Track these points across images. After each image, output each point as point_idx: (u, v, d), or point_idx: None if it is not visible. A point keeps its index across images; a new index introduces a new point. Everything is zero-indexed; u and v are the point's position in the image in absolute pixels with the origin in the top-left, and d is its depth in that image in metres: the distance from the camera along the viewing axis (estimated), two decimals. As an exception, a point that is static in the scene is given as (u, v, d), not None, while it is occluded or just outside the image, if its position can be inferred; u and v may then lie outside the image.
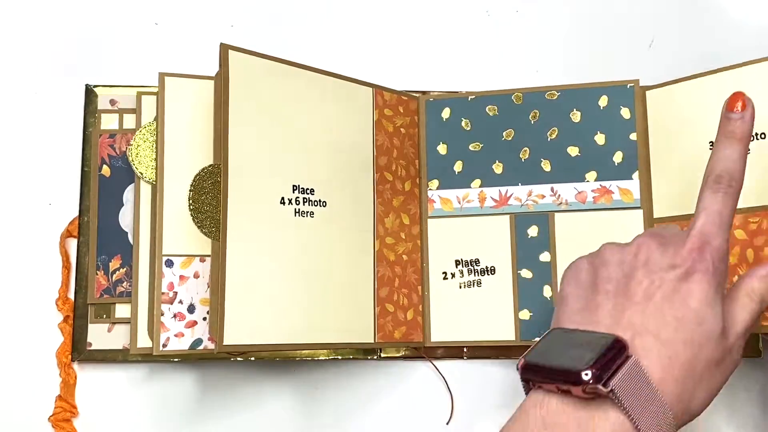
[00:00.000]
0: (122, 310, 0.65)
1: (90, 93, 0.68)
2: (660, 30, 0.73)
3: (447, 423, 0.66)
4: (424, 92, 0.70)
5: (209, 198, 0.61)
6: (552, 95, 0.67)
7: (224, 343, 0.56)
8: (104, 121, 0.68)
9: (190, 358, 0.65)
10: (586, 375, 0.44)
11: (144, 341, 0.62)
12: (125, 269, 0.65)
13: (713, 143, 0.61)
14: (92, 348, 0.64)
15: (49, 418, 0.64)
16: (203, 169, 0.62)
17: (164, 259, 0.62)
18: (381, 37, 0.73)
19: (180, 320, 0.61)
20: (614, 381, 0.44)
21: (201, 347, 0.62)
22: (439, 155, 0.68)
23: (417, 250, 0.67)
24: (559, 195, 0.66)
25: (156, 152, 0.63)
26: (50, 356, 0.65)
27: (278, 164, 0.61)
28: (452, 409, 0.66)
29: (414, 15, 0.74)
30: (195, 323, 0.62)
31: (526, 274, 0.65)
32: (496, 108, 0.68)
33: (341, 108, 0.65)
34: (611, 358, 0.45)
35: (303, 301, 0.60)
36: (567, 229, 0.65)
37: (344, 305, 0.62)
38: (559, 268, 0.65)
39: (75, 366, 0.65)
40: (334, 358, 0.66)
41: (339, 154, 0.64)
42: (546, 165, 0.66)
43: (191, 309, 0.62)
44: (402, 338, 0.65)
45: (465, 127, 0.68)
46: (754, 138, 0.59)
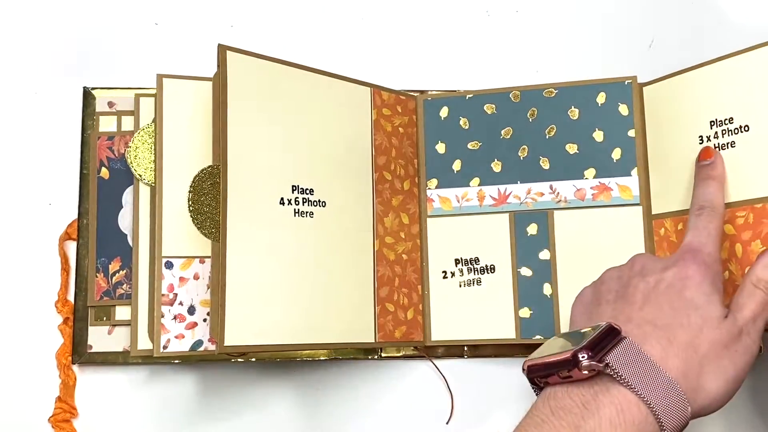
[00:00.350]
0: (122, 312, 0.65)
1: (88, 95, 0.68)
2: (660, 30, 0.73)
3: (447, 422, 0.66)
4: (423, 92, 0.70)
5: (208, 199, 0.61)
6: (550, 93, 0.67)
7: (225, 344, 0.56)
8: (102, 124, 0.68)
9: (191, 360, 0.65)
10: (583, 356, 0.46)
11: (144, 343, 0.62)
12: (125, 271, 0.65)
13: (702, 138, 0.61)
14: (93, 350, 0.64)
15: (49, 419, 0.64)
16: (202, 171, 0.62)
17: (164, 261, 0.61)
18: (381, 37, 0.73)
19: (180, 322, 0.61)
20: (610, 356, 0.46)
21: (201, 349, 0.62)
22: (438, 154, 0.68)
23: (417, 250, 0.67)
24: (558, 193, 0.66)
25: (154, 154, 0.63)
26: (50, 358, 0.65)
27: (277, 165, 0.61)
28: (452, 409, 0.66)
29: (414, 15, 0.74)
30: (195, 325, 0.62)
31: (526, 272, 0.65)
32: (494, 106, 0.68)
33: (340, 108, 0.65)
34: (606, 340, 0.47)
35: (303, 302, 0.60)
36: (566, 227, 0.65)
37: (344, 305, 0.62)
38: (559, 266, 0.65)
39: (75, 368, 0.65)
40: (335, 358, 0.66)
41: (338, 154, 0.64)
42: (545, 163, 0.66)
43: (191, 310, 0.62)
44: (402, 338, 0.65)
45: (463, 126, 0.68)
46: (739, 131, 0.59)
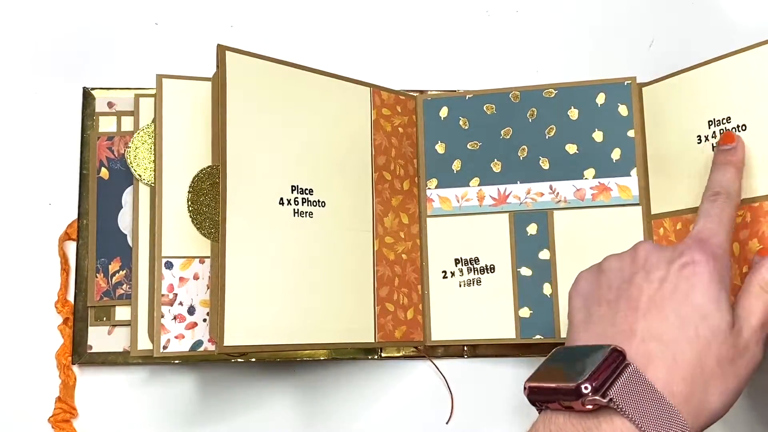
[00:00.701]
0: (122, 313, 0.65)
1: (88, 95, 0.68)
2: (660, 30, 0.73)
3: (447, 422, 0.66)
4: (423, 91, 0.70)
5: (208, 199, 0.61)
6: (549, 93, 0.67)
7: (225, 344, 0.56)
8: (102, 124, 0.68)
9: (191, 360, 0.65)
10: (586, 388, 0.45)
11: (144, 343, 0.62)
12: (125, 271, 0.65)
13: (700, 137, 0.61)
14: (93, 351, 0.64)
15: (49, 419, 0.64)
16: (201, 171, 0.62)
17: (164, 261, 0.61)
18: (381, 37, 0.73)
19: (180, 322, 0.61)
20: (613, 390, 0.45)
21: (201, 349, 0.61)
22: (438, 154, 0.68)
23: (416, 250, 0.67)
24: (558, 193, 0.66)
25: (154, 154, 0.63)
26: (50, 358, 0.65)
27: (277, 165, 0.61)
28: (452, 409, 0.66)
29: (414, 15, 0.74)
30: (195, 325, 0.62)
31: (526, 272, 0.65)
32: (494, 107, 0.68)
33: (339, 108, 0.65)
34: (609, 369, 0.46)
35: (303, 302, 0.60)
36: (566, 227, 0.65)
37: (344, 305, 0.62)
38: (559, 266, 0.65)
39: (75, 369, 0.65)
40: (335, 358, 0.66)
41: (337, 154, 0.64)
42: (544, 163, 0.66)
43: (191, 311, 0.62)
44: (402, 337, 0.65)
45: (463, 126, 0.68)
46: (737, 130, 0.59)
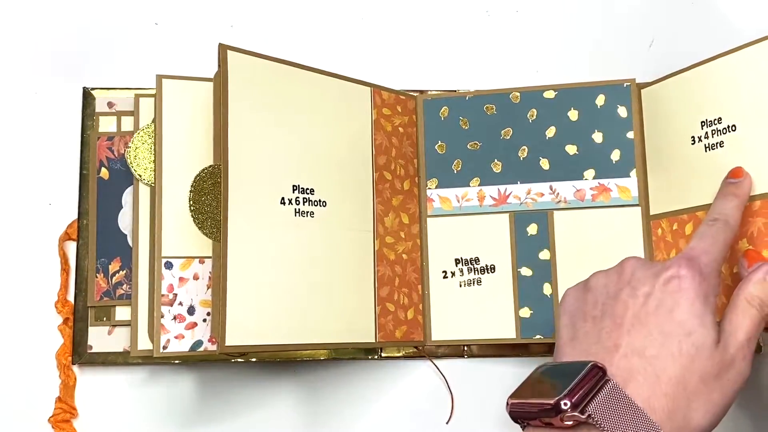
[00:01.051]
0: (122, 313, 0.65)
1: (87, 95, 0.68)
2: (660, 30, 0.73)
3: (447, 422, 0.66)
4: (423, 91, 0.70)
5: (210, 199, 0.61)
6: (550, 94, 0.67)
7: (226, 344, 0.55)
8: (102, 124, 0.68)
9: (191, 360, 0.65)
10: (565, 404, 0.44)
11: (144, 343, 0.62)
12: (125, 272, 0.65)
13: (693, 138, 0.61)
14: (93, 351, 0.64)
15: (49, 419, 0.64)
16: (203, 170, 0.62)
17: (164, 261, 0.61)
18: (381, 37, 0.73)
19: (180, 322, 0.61)
20: (592, 406, 0.44)
21: (201, 349, 0.61)
22: (438, 154, 0.68)
23: (417, 249, 0.67)
24: (558, 193, 0.66)
25: (154, 154, 0.63)
26: (50, 358, 0.65)
27: (278, 164, 0.61)
28: (452, 409, 0.66)
29: (414, 15, 0.74)
30: (195, 325, 0.62)
31: (526, 272, 0.66)
32: (494, 107, 0.68)
33: (340, 107, 0.65)
34: (588, 384, 0.45)
35: (304, 302, 0.60)
36: (566, 227, 0.65)
37: (345, 305, 0.62)
38: (559, 266, 0.65)
39: (76, 369, 0.65)
40: (335, 358, 0.66)
41: (338, 154, 0.64)
42: (544, 163, 0.66)
43: (191, 311, 0.62)
44: (403, 337, 0.65)
45: (463, 126, 0.68)
46: (727, 130, 0.59)
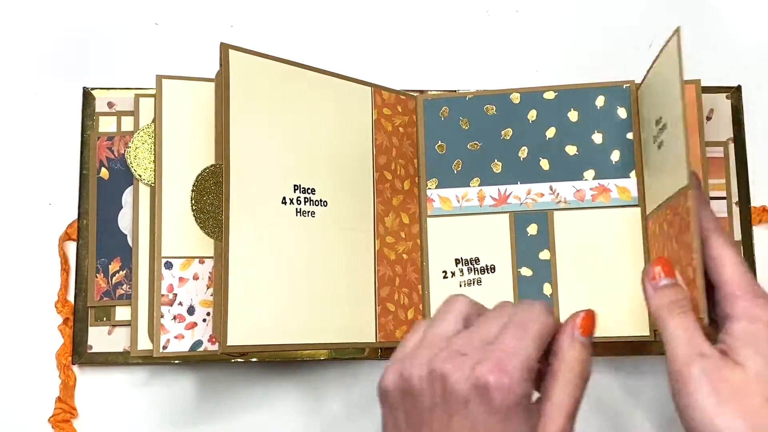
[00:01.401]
0: (122, 313, 0.65)
1: (88, 95, 0.68)
2: (660, 30, 0.73)
3: (448, 422, 0.66)
4: (423, 91, 0.70)
5: (212, 198, 0.61)
6: (550, 95, 0.67)
7: (228, 344, 0.56)
8: (102, 124, 0.68)
9: (191, 360, 0.65)
10: None
11: (144, 343, 0.62)
12: (125, 272, 0.65)
13: (654, 138, 0.62)
14: (93, 351, 0.64)
15: (49, 419, 0.64)
16: (205, 169, 0.62)
17: (163, 261, 0.61)
18: (381, 37, 0.73)
19: (180, 322, 0.61)
20: None
21: (201, 349, 0.62)
22: (438, 154, 0.68)
23: (417, 249, 0.67)
24: (558, 193, 0.66)
25: (154, 154, 0.63)
26: (50, 358, 0.65)
27: (279, 164, 0.61)
28: (453, 409, 0.66)
29: (414, 15, 0.74)
30: (195, 325, 0.62)
31: (526, 272, 0.66)
32: (494, 107, 0.68)
33: (341, 107, 0.65)
34: None
35: (305, 301, 0.60)
36: (566, 227, 0.65)
37: (345, 305, 0.62)
38: (559, 266, 0.65)
39: (75, 369, 0.65)
40: (335, 358, 0.66)
41: (339, 154, 0.64)
42: (545, 164, 0.66)
43: (191, 311, 0.62)
44: (403, 337, 0.64)
45: (463, 127, 0.68)
46: (664, 129, 0.58)
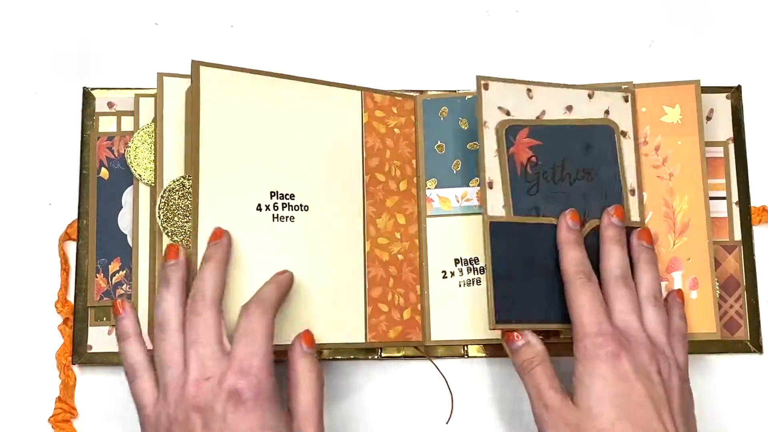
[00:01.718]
0: (122, 313, 0.65)
1: (87, 95, 0.68)
2: (660, 30, 0.73)
3: (447, 422, 0.66)
4: (423, 92, 0.70)
5: (179, 209, 0.61)
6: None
7: None
8: (102, 124, 0.68)
9: (189, 360, 0.65)
10: None
11: (144, 343, 0.62)
12: (125, 271, 0.65)
13: None
14: (93, 351, 0.64)
15: (49, 419, 0.64)
16: (174, 181, 0.62)
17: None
18: (381, 37, 0.73)
19: (179, 322, 0.61)
20: None
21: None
22: (437, 154, 0.68)
23: (414, 250, 0.67)
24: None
25: (154, 154, 0.63)
26: (50, 358, 0.65)
27: (253, 173, 0.61)
28: (452, 409, 0.66)
29: (413, 15, 0.73)
30: (194, 324, 0.62)
31: (525, 273, 0.65)
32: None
33: (322, 113, 0.65)
34: None
35: (289, 303, 0.61)
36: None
37: (332, 306, 0.63)
38: (557, 267, 0.65)
39: (75, 368, 0.65)
40: (335, 358, 0.66)
41: (322, 159, 0.64)
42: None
43: (191, 311, 0.62)
44: (398, 337, 0.65)
45: (463, 126, 0.68)
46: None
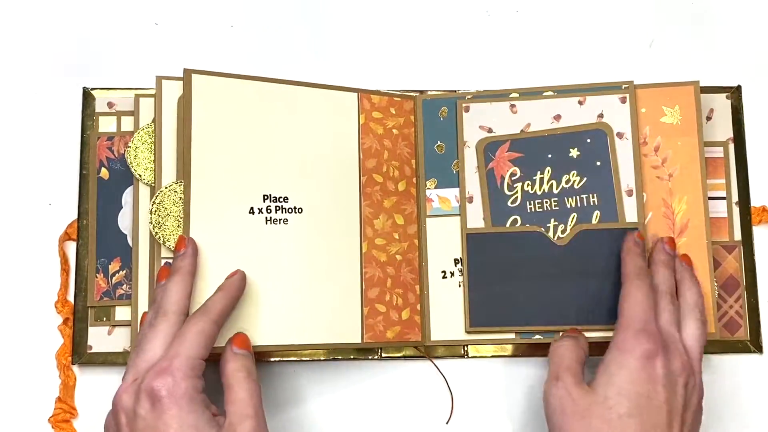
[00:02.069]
0: (122, 313, 0.65)
1: (88, 96, 0.68)
2: (660, 30, 0.73)
3: (447, 422, 0.66)
4: (423, 92, 0.70)
5: (170, 215, 0.62)
6: (548, 96, 0.66)
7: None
8: (102, 124, 0.68)
9: (189, 360, 0.65)
10: None
11: (144, 343, 0.62)
12: (125, 271, 0.65)
13: None
14: (93, 351, 0.65)
15: (49, 419, 0.64)
16: (166, 187, 0.62)
17: (164, 261, 0.62)
18: (381, 37, 0.73)
19: (179, 322, 0.62)
20: None
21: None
22: (437, 154, 0.68)
23: (413, 250, 0.67)
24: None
25: (154, 154, 0.63)
26: (50, 358, 0.66)
27: (246, 177, 0.62)
28: (452, 409, 0.66)
29: (414, 15, 0.73)
30: (194, 325, 0.62)
31: (524, 273, 0.65)
32: (493, 107, 0.68)
33: (319, 116, 0.65)
34: None
35: (283, 304, 0.61)
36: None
37: (328, 307, 0.63)
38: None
39: (75, 369, 0.65)
40: (335, 359, 0.66)
41: (317, 161, 0.64)
42: (543, 163, 0.66)
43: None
44: (396, 338, 0.65)
45: (463, 127, 0.68)
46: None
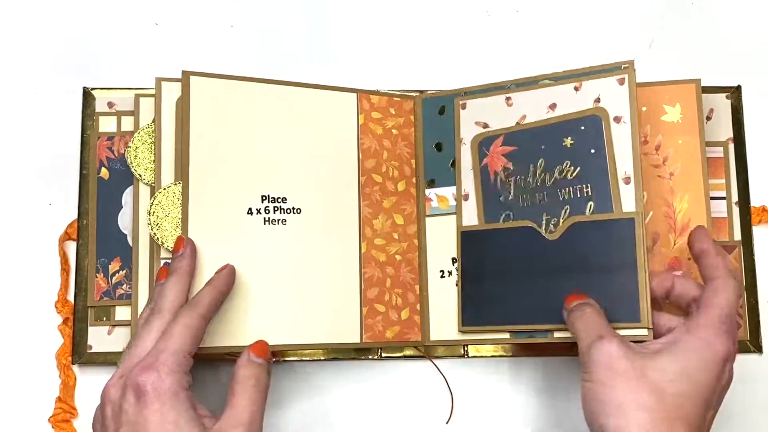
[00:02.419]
0: (122, 313, 0.65)
1: (88, 95, 0.68)
2: (660, 30, 0.73)
3: (447, 422, 0.66)
4: (422, 92, 0.70)
5: (168, 216, 0.62)
6: (545, 84, 0.66)
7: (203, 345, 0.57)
8: (102, 124, 0.68)
9: (189, 360, 0.65)
10: None
11: (144, 343, 0.62)
12: (125, 271, 0.65)
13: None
14: (93, 351, 0.65)
15: (49, 419, 0.65)
16: (164, 188, 0.62)
17: (163, 261, 0.62)
18: (381, 37, 0.73)
19: (179, 322, 0.62)
20: None
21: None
22: (436, 153, 0.68)
23: (413, 250, 0.67)
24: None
25: (154, 154, 0.63)
26: (50, 358, 0.66)
27: (244, 178, 0.62)
28: (452, 409, 0.66)
29: (414, 14, 0.73)
30: (194, 325, 0.62)
31: (524, 273, 0.65)
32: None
33: (317, 117, 0.65)
34: None
35: (282, 304, 0.61)
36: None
37: (327, 307, 0.63)
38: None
39: (75, 368, 0.65)
40: (335, 358, 0.66)
41: (315, 162, 0.65)
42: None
43: (190, 311, 0.62)
44: (395, 338, 0.65)
45: (462, 126, 0.68)
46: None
